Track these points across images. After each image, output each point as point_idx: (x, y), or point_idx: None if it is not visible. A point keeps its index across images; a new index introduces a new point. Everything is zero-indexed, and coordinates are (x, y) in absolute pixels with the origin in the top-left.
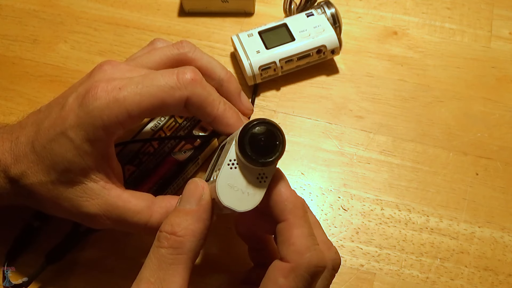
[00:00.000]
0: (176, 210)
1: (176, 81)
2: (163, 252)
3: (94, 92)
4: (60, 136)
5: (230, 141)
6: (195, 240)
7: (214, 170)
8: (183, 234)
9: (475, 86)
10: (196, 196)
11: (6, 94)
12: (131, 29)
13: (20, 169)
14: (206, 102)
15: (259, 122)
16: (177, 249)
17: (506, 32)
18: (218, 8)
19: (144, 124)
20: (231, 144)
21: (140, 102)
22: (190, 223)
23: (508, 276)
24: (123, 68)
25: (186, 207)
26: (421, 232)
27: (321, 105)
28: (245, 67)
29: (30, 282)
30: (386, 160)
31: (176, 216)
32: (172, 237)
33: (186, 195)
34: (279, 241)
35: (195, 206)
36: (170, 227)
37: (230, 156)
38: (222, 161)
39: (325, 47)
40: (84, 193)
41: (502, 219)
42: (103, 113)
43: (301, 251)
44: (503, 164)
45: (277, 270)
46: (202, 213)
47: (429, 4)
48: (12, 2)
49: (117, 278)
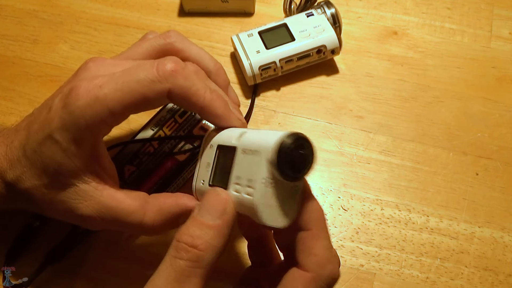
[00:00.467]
0: (197, 221)
1: (155, 74)
2: (181, 264)
3: (76, 92)
4: (47, 139)
5: (214, 144)
6: (215, 255)
7: (213, 173)
8: (204, 248)
9: (475, 86)
10: (219, 209)
11: (6, 94)
12: (131, 29)
13: (15, 174)
14: (190, 93)
15: (293, 143)
16: (197, 262)
17: (506, 32)
18: (218, 8)
19: (144, 124)
20: (214, 147)
21: (121, 99)
22: (212, 237)
23: (508, 276)
24: (107, 64)
25: (208, 219)
26: (421, 232)
27: (321, 105)
28: (245, 67)
29: (30, 282)
30: (386, 160)
31: (197, 228)
32: (192, 250)
33: (208, 206)
34: (300, 249)
35: (218, 220)
36: (191, 239)
37: (261, 174)
38: (228, 170)
39: (325, 47)
40: (77, 195)
41: (502, 219)
42: (85, 113)
43: (323, 263)
44: (503, 164)
45: (297, 278)
46: (225, 228)
47: (429, 4)
48: (12, 2)
49: (117, 278)
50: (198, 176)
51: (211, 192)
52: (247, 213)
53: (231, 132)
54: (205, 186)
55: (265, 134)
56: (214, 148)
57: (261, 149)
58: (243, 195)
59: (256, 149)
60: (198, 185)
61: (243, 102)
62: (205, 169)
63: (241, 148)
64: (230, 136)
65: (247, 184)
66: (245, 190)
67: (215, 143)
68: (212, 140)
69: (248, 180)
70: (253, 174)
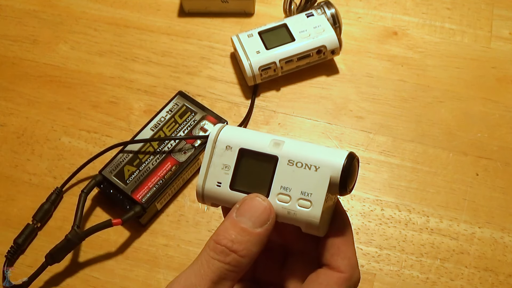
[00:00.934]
0: (238, 226)
1: None
2: (220, 266)
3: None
4: None
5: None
6: (251, 262)
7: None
8: (244, 254)
9: (475, 86)
10: (263, 218)
11: (6, 94)
12: (131, 29)
13: None
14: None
15: (353, 162)
16: (235, 267)
17: (506, 32)
18: (218, 8)
19: (144, 124)
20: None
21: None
22: (252, 244)
23: (508, 276)
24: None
25: (250, 226)
26: (421, 232)
27: (321, 106)
28: (245, 67)
29: (30, 282)
30: (386, 160)
31: (238, 233)
32: (232, 254)
33: (251, 213)
34: (332, 252)
35: (261, 229)
36: (231, 244)
37: (324, 189)
38: (264, 177)
39: (325, 47)
40: None
41: (502, 219)
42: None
43: (354, 265)
44: (503, 164)
45: (331, 278)
46: (265, 238)
47: (429, 4)
48: (12, 2)
49: (117, 279)
50: (208, 177)
51: (253, 199)
52: (294, 223)
53: (257, 137)
54: (224, 188)
55: (318, 150)
56: (234, 151)
57: (323, 165)
58: (295, 207)
59: (315, 164)
60: (211, 186)
61: (243, 102)
62: (221, 170)
63: (287, 159)
64: (258, 141)
65: (300, 196)
66: (296, 202)
67: (235, 145)
68: (229, 141)
69: (302, 192)
70: (310, 188)
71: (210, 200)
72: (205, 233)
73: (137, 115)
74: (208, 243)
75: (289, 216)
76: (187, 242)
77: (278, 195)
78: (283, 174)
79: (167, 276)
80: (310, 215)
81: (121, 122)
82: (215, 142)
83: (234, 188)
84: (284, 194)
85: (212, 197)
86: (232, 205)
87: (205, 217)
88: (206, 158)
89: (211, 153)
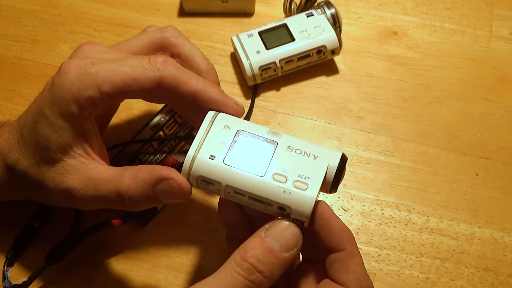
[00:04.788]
0: (266, 247)
1: (147, 62)
2: (243, 282)
3: (66, 67)
4: (39, 115)
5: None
6: (272, 283)
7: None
8: (267, 276)
9: (475, 86)
10: (292, 244)
11: (6, 94)
12: (131, 29)
13: (14, 156)
14: (182, 81)
15: (345, 161)
16: (257, 285)
17: (506, 32)
18: (218, 8)
19: (144, 124)
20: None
21: (111, 78)
22: (277, 268)
23: (508, 276)
24: (101, 50)
25: (278, 249)
26: (421, 232)
27: (321, 106)
28: (245, 67)
29: (30, 282)
30: (386, 160)
31: (265, 255)
32: (257, 274)
33: (281, 237)
34: (337, 268)
35: (287, 253)
36: (257, 263)
37: (321, 175)
38: (261, 158)
39: (325, 47)
40: (64, 169)
41: (502, 219)
42: (73, 86)
43: (361, 278)
44: (503, 164)
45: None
46: (289, 262)
47: (429, 4)
48: (12, 2)
49: (117, 279)
50: (202, 148)
51: (285, 224)
52: (285, 202)
53: (255, 125)
54: (217, 162)
55: (314, 143)
56: (232, 130)
57: (321, 155)
58: (292, 187)
59: (314, 153)
60: (203, 157)
61: (243, 102)
62: (216, 145)
63: (286, 144)
64: (256, 128)
65: (297, 179)
66: (293, 183)
67: (233, 126)
68: (227, 121)
69: (300, 175)
70: (308, 172)
71: (197, 173)
72: (205, 233)
73: (137, 115)
74: (234, 257)
75: (283, 196)
76: (187, 242)
77: (274, 175)
78: (281, 158)
79: (167, 276)
80: (306, 196)
81: (121, 122)
82: (212, 122)
83: (228, 164)
84: (281, 175)
85: (202, 169)
86: (220, 180)
87: (205, 217)
88: (202, 132)
89: (208, 128)
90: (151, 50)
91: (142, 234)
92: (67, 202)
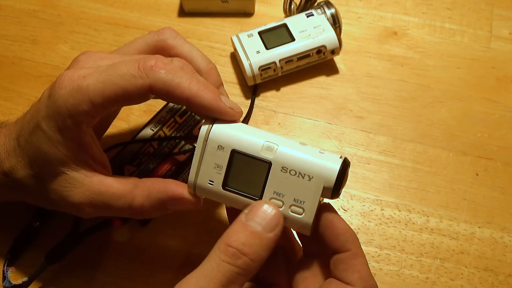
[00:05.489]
0: (249, 230)
1: (136, 69)
2: (230, 269)
3: (60, 81)
4: (36, 128)
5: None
6: (259, 266)
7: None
8: (254, 258)
9: (475, 86)
10: (273, 223)
11: (6, 94)
12: (131, 29)
13: (11, 163)
14: (172, 86)
15: (346, 169)
16: (245, 270)
17: (506, 32)
18: (218, 8)
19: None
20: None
21: (102, 90)
22: (262, 249)
23: (508, 276)
24: (96, 57)
25: (261, 230)
26: (421, 232)
27: (321, 105)
28: (245, 67)
29: (30, 282)
30: (386, 160)
31: (249, 237)
32: (243, 257)
33: (261, 218)
34: (342, 268)
35: (271, 233)
36: (242, 247)
37: (317, 199)
38: (258, 181)
39: (325, 47)
40: (67, 183)
41: (502, 219)
42: (67, 102)
43: (366, 278)
44: (503, 164)
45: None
46: (274, 243)
47: (429, 4)
48: (12, 2)
49: (117, 279)
50: (200, 174)
51: (261, 204)
52: (285, 225)
53: (249, 138)
54: (217, 187)
55: (312, 156)
56: (226, 151)
57: (316, 175)
58: (288, 212)
59: (308, 174)
60: (203, 183)
61: (243, 102)
62: (213, 169)
63: (281, 165)
64: (250, 143)
65: (293, 203)
66: (289, 208)
67: (227, 146)
68: (220, 140)
69: (295, 200)
70: (303, 196)
71: (202, 196)
72: (205, 233)
73: (137, 115)
74: (219, 246)
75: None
76: (187, 242)
77: (271, 200)
78: (276, 179)
79: (167, 276)
80: (302, 222)
81: (121, 122)
82: (206, 140)
83: (226, 188)
84: (277, 199)
85: (204, 193)
86: (225, 203)
87: (205, 217)
88: (197, 155)
89: (202, 151)
90: (148, 53)
91: (142, 234)
92: (70, 211)
